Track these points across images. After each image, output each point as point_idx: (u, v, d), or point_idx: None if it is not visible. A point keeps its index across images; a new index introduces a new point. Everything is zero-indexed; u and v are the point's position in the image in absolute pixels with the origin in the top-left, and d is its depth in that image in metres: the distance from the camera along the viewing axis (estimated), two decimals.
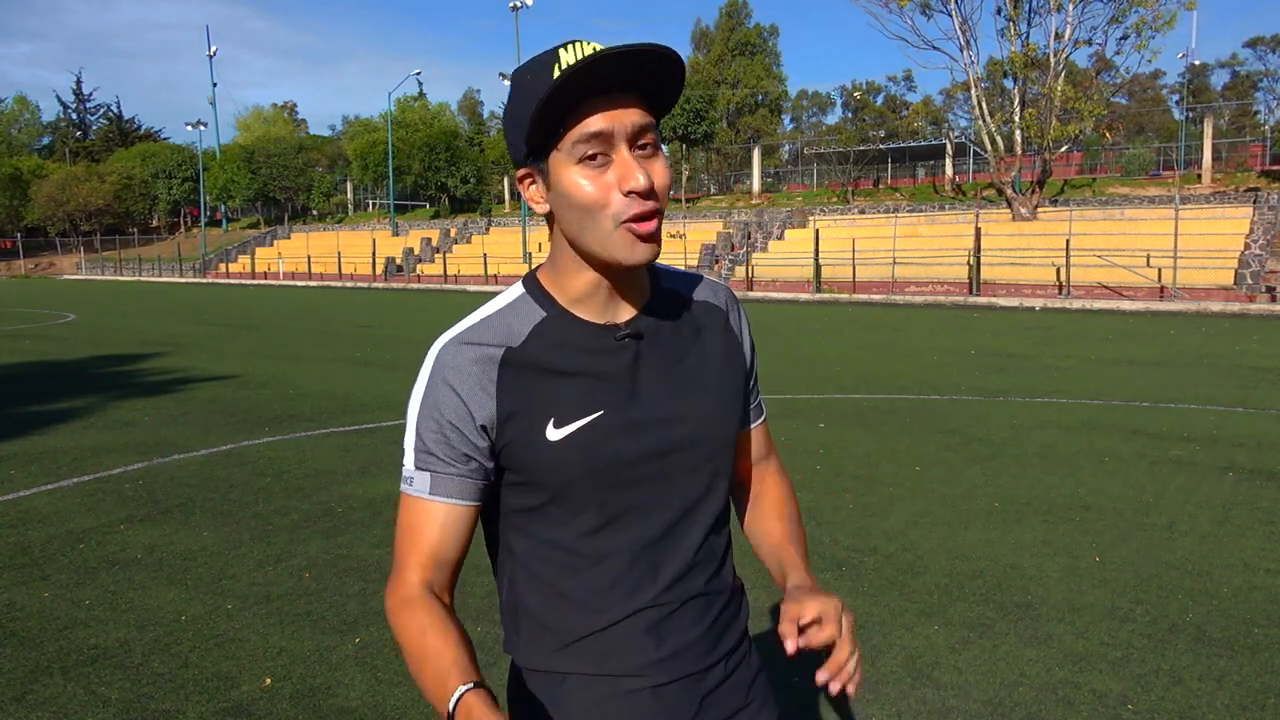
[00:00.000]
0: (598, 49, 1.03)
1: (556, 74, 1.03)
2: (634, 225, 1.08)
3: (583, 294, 1.16)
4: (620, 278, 1.16)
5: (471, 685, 1.02)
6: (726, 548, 1.28)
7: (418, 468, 1.17)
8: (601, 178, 1.07)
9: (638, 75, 1.06)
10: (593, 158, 1.06)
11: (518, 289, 1.21)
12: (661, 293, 1.24)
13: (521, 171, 1.15)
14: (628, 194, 1.07)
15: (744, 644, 1.31)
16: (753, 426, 1.40)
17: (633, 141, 1.08)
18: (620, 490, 1.16)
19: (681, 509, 1.20)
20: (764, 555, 1.37)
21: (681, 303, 1.25)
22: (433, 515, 1.17)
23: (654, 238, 1.10)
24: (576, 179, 1.07)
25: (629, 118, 1.06)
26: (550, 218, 1.15)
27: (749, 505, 1.44)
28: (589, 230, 1.09)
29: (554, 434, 1.13)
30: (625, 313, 1.19)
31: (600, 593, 1.18)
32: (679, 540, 1.20)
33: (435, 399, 1.14)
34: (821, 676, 1.08)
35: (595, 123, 1.05)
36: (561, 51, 1.05)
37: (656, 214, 1.09)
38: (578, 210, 1.09)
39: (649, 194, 1.07)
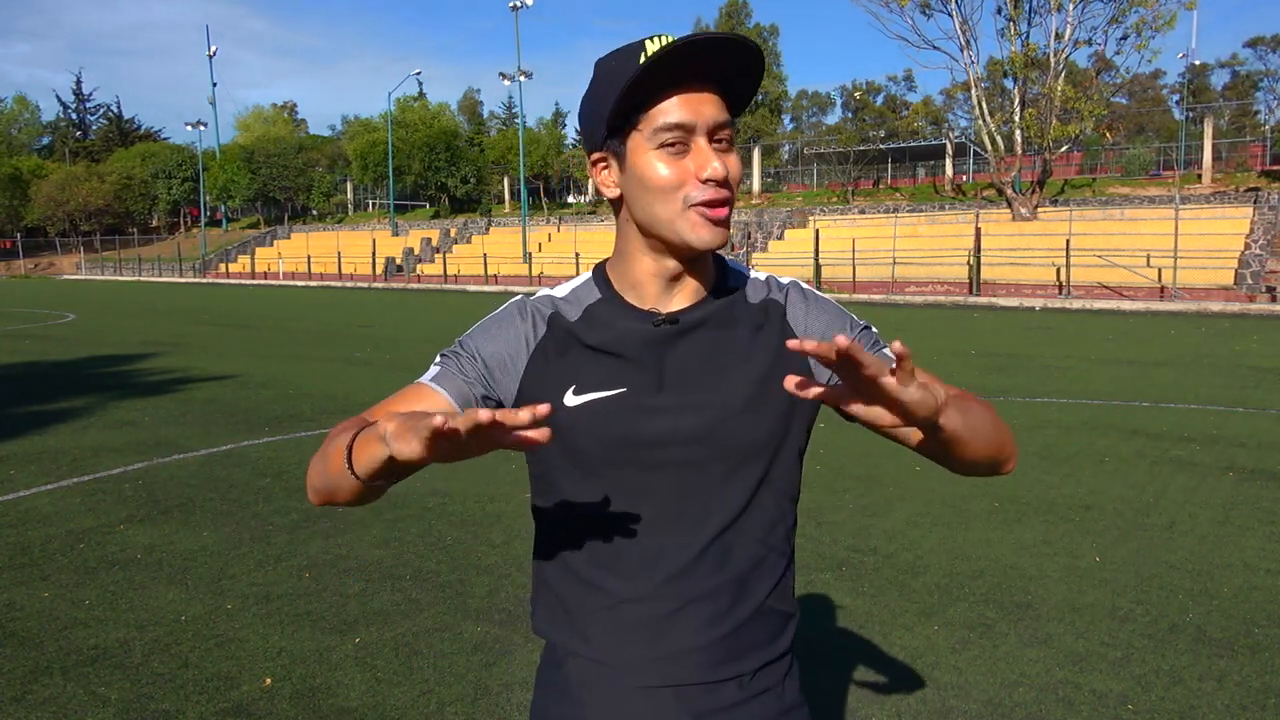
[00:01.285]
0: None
1: (643, 61, 1.07)
2: (704, 209, 1.11)
3: (638, 281, 1.20)
4: (682, 266, 1.18)
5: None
6: (763, 560, 1.20)
7: (438, 363, 1.23)
8: (679, 163, 1.11)
9: (720, 70, 1.10)
10: (672, 145, 1.10)
11: (587, 275, 1.27)
12: (722, 290, 1.23)
13: (596, 155, 1.19)
14: (705, 181, 1.11)
15: (773, 674, 1.21)
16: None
17: (711, 134, 1.11)
18: (630, 471, 1.16)
19: (692, 503, 1.17)
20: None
21: (739, 301, 1.23)
22: (419, 393, 1.20)
23: (724, 223, 1.13)
24: (654, 162, 1.11)
25: (710, 111, 1.11)
26: (618, 206, 1.20)
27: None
28: (660, 211, 1.13)
29: (571, 400, 1.17)
30: (677, 304, 1.21)
31: (601, 571, 1.18)
32: (687, 535, 1.16)
33: (492, 333, 1.22)
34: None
35: (678, 113, 1.10)
36: (648, 41, 1.10)
37: (728, 203, 1.13)
38: (653, 192, 1.12)
39: (724, 183, 1.11)
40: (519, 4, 42.22)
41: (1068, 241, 25.96)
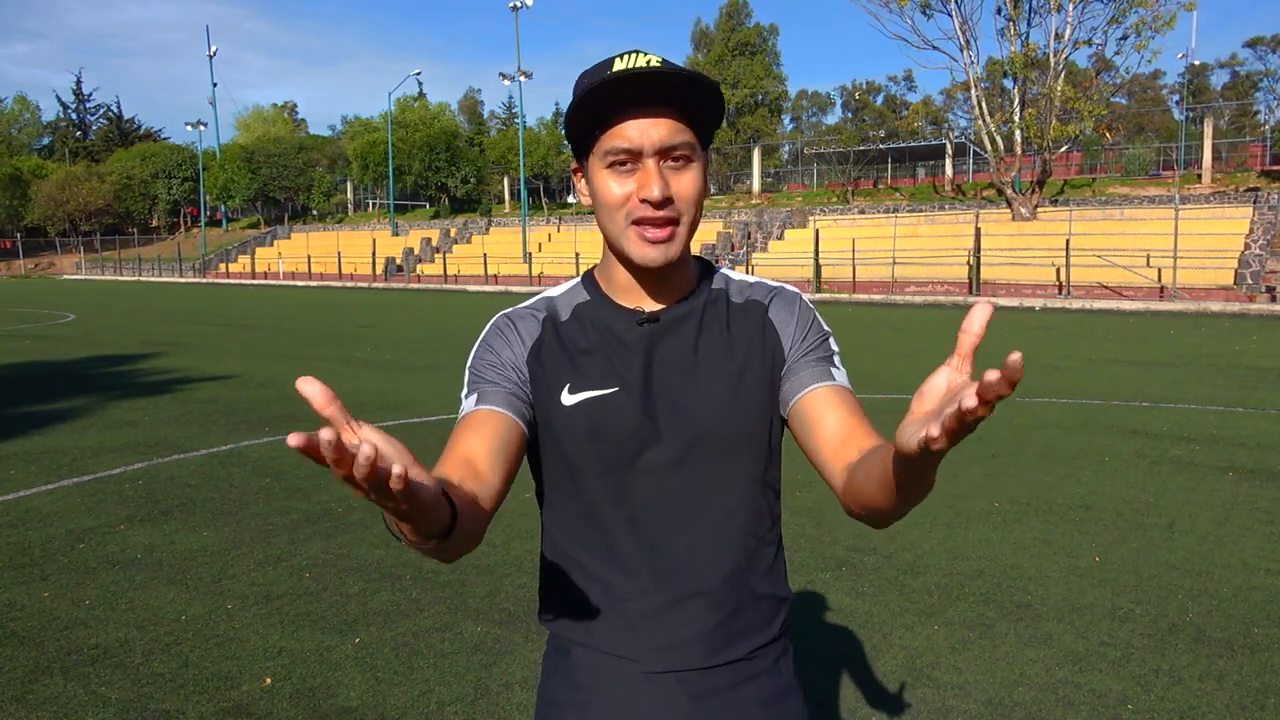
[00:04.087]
0: (651, 61, 1.12)
1: (587, 86, 1.12)
2: (642, 229, 1.16)
3: (621, 284, 1.26)
4: (646, 275, 1.23)
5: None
6: (755, 549, 1.24)
7: (467, 395, 1.24)
8: (625, 182, 1.16)
9: (673, 94, 1.13)
10: (622, 164, 1.15)
11: (576, 279, 1.34)
12: (705, 290, 1.28)
13: (574, 165, 1.27)
14: (642, 201, 1.15)
15: (766, 657, 1.25)
16: (808, 389, 1.19)
17: (663, 155, 1.15)
18: (626, 467, 1.20)
19: (688, 497, 1.20)
20: (871, 474, 1.02)
21: (722, 300, 1.28)
22: (472, 423, 1.18)
23: (663, 244, 1.16)
24: (606, 180, 1.17)
25: (658, 134, 1.13)
26: None
27: (855, 466, 1.09)
28: (609, 226, 1.19)
29: (567, 399, 1.22)
30: (660, 303, 1.26)
31: (601, 565, 1.21)
32: (684, 529, 1.20)
33: (488, 341, 1.27)
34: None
35: (624, 136, 1.14)
36: (616, 59, 1.14)
37: (670, 223, 1.16)
38: (601, 207, 1.19)
39: (661, 205, 1.14)
40: (519, 4, 42.19)
41: (1067, 241, 25.96)
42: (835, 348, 1.27)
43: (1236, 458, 6.58)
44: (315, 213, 61.77)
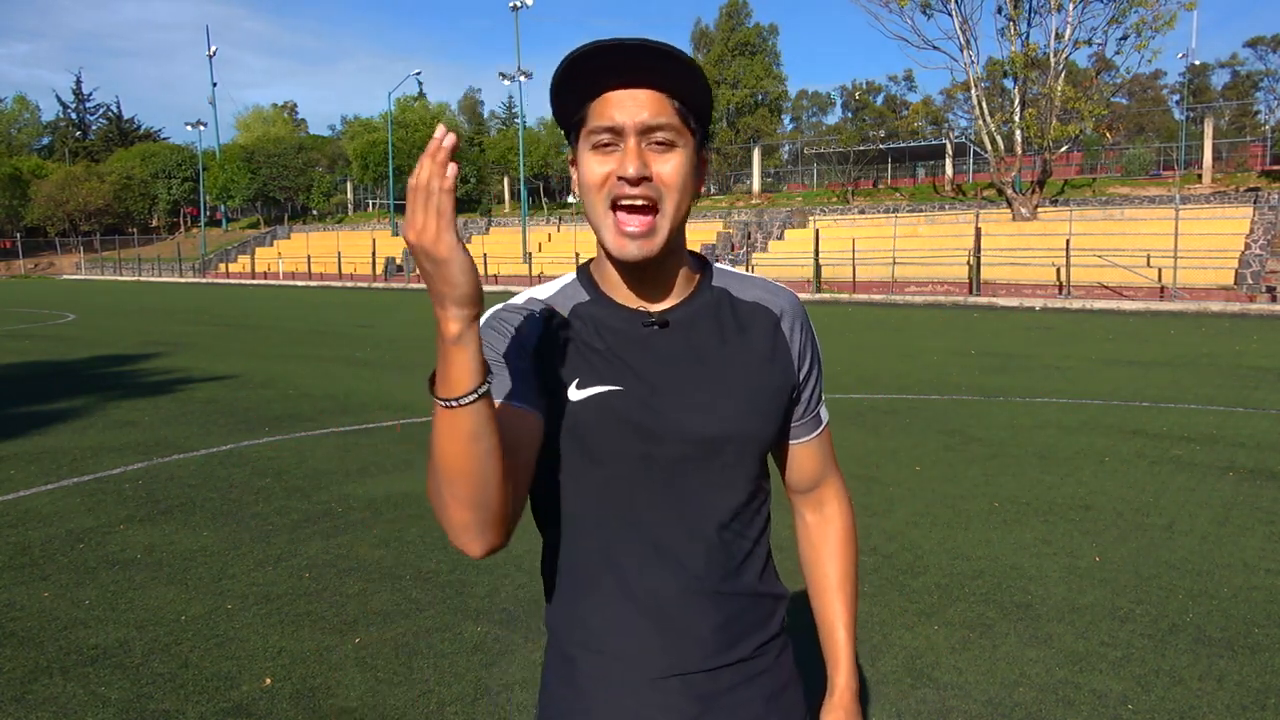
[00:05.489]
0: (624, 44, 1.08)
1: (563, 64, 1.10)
2: (618, 215, 1.12)
3: (616, 281, 1.21)
4: (637, 270, 1.19)
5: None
6: (752, 550, 1.24)
7: None
8: (608, 162, 1.12)
9: (657, 71, 1.10)
10: (606, 145, 1.12)
11: (569, 276, 1.27)
12: (707, 289, 1.25)
13: (570, 157, 1.21)
14: (619, 179, 1.11)
15: (768, 654, 1.26)
16: (802, 440, 1.34)
17: (645, 134, 1.11)
18: (632, 466, 1.17)
19: (694, 499, 1.19)
20: (814, 609, 1.37)
21: (727, 300, 1.26)
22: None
23: (641, 238, 1.12)
24: (589, 161, 1.14)
25: (640, 112, 1.10)
26: None
27: (804, 537, 1.40)
28: (591, 213, 1.15)
29: (575, 394, 1.17)
30: (661, 303, 1.22)
31: (605, 565, 1.19)
32: (688, 530, 1.19)
33: (486, 337, 1.17)
34: None
35: (606, 114, 1.11)
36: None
37: (648, 209, 1.12)
38: (584, 190, 1.15)
39: (636, 182, 1.10)
40: (519, 4, 42.21)
41: (1068, 241, 25.96)
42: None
43: (1236, 458, 6.58)
44: (315, 213, 61.75)
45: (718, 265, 1.30)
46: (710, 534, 1.20)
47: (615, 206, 1.12)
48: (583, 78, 1.10)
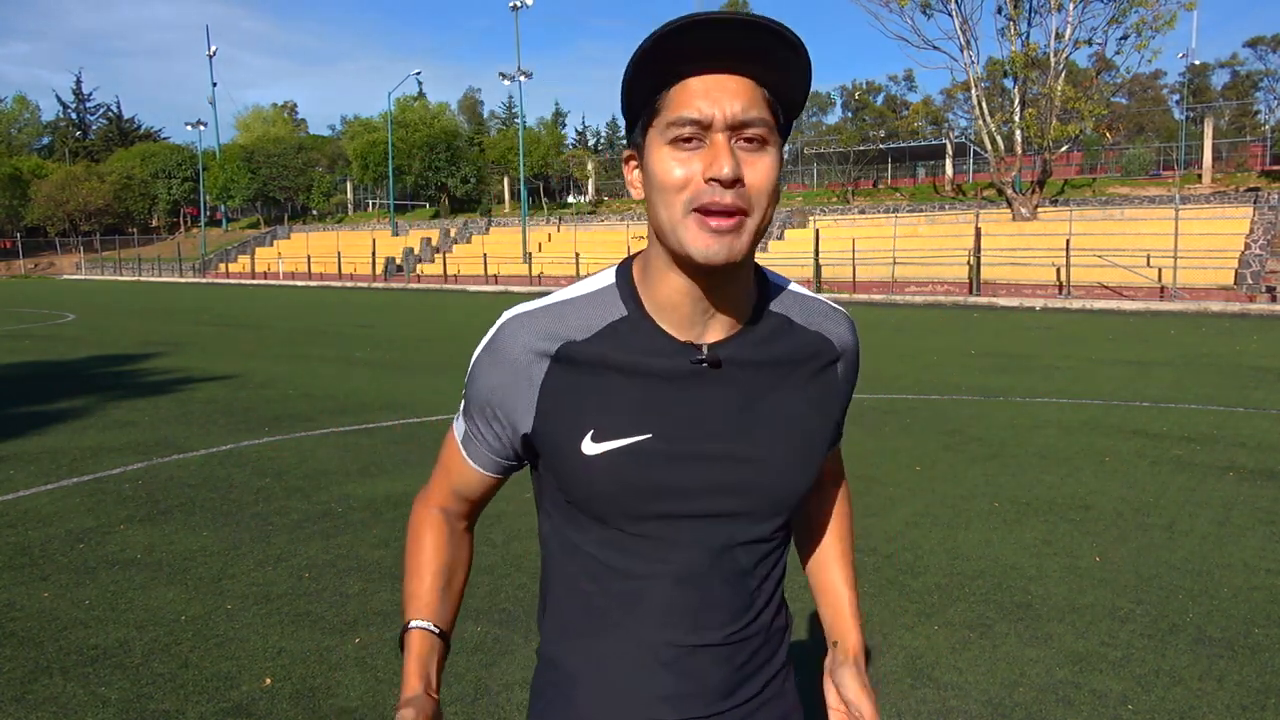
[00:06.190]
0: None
1: (653, 39, 0.95)
2: (705, 217, 0.97)
3: (669, 300, 1.05)
4: (707, 285, 1.03)
5: (421, 624, 1.17)
6: (773, 591, 1.18)
7: (462, 416, 1.20)
8: (690, 161, 0.97)
9: (756, 56, 0.96)
10: (687, 140, 0.97)
11: (608, 277, 1.11)
12: (766, 316, 1.10)
13: (626, 153, 1.08)
14: (708, 181, 0.96)
15: (773, 687, 1.21)
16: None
17: (736, 130, 0.97)
18: (655, 522, 1.08)
19: (722, 552, 1.10)
20: (816, 597, 1.36)
21: (786, 331, 1.11)
22: (462, 462, 1.22)
23: (729, 235, 0.97)
24: (665, 158, 0.98)
25: (733, 104, 0.96)
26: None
27: (807, 530, 1.35)
28: (663, 214, 0.99)
29: (590, 448, 1.05)
30: (714, 332, 1.07)
31: (618, 607, 1.12)
32: (712, 583, 1.11)
33: (485, 372, 1.11)
34: None
35: (691, 104, 0.96)
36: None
37: (738, 212, 0.97)
38: (656, 191, 0.99)
39: (731, 184, 0.96)
40: (519, 4, 42.21)
41: (1068, 241, 25.97)
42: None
43: (1236, 458, 6.58)
44: (315, 213, 61.78)
45: (776, 279, 1.15)
46: (736, 580, 1.12)
47: (698, 209, 0.98)
48: (665, 59, 0.96)
